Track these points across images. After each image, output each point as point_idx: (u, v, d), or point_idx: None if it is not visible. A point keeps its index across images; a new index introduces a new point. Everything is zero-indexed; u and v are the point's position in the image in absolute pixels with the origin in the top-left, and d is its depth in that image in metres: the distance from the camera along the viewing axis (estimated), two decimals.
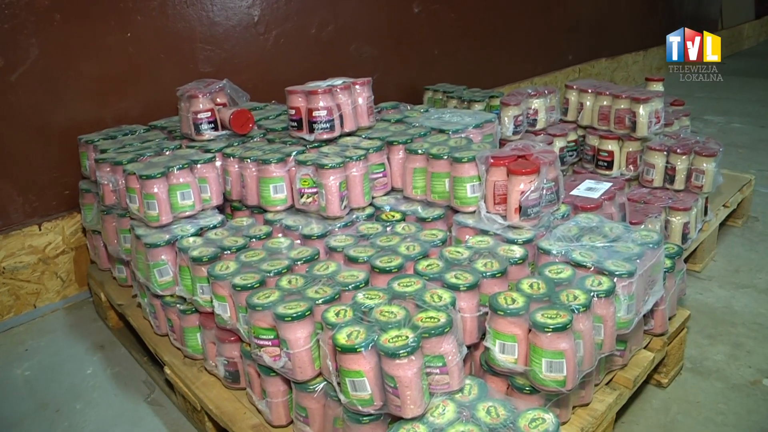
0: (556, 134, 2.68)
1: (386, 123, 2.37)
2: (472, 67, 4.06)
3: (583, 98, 2.74)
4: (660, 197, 2.41)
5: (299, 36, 3.20)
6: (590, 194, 2.03)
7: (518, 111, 2.59)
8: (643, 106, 2.52)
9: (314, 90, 2.14)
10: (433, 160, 1.98)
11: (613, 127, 2.63)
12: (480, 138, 2.23)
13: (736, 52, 7.60)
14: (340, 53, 3.38)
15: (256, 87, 3.10)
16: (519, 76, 4.37)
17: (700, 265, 2.62)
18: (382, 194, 2.15)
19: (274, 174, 2.07)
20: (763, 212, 3.18)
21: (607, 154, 2.62)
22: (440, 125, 2.24)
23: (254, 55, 3.09)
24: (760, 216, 3.14)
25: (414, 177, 2.06)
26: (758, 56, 7.72)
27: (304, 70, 3.26)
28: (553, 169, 1.85)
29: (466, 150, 1.97)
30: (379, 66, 3.55)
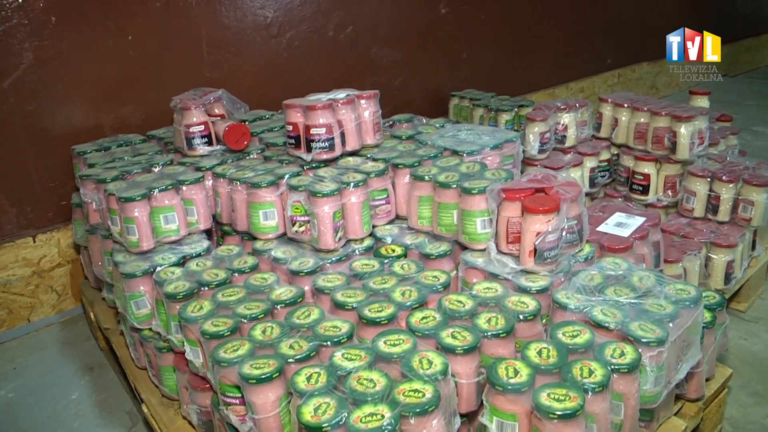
0: (587, 153, 2.38)
1: (395, 141, 2.11)
2: (503, 71, 3.76)
3: (618, 113, 2.43)
4: (701, 230, 2.10)
5: (315, 39, 2.96)
6: (620, 231, 1.74)
7: (545, 127, 2.30)
8: (685, 126, 2.21)
9: (312, 105, 1.89)
10: (441, 188, 1.71)
11: (650, 147, 2.32)
12: (498, 161, 1.95)
13: None
14: (360, 57, 3.12)
15: (267, 93, 2.87)
16: (553, 81, 4.04)
17: (745, 305, 2.30)
18: (385, 223, 1.89)
19: (265, 199, 1.83)
20: None
21: (642, 177, 2.31)
22: (454, 145, 1.97)
23: (266, 59, 2.85)
24: None
25: (419, 206, 1.80)
26: None
27: (319, 75, 3.02)
28: (576, 205, 1.57)
29: (477, 178, 1.69)
30: (402, 71, 3.28)
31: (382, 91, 3.31)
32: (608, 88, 4.40)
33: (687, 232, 2.10)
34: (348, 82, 3.11)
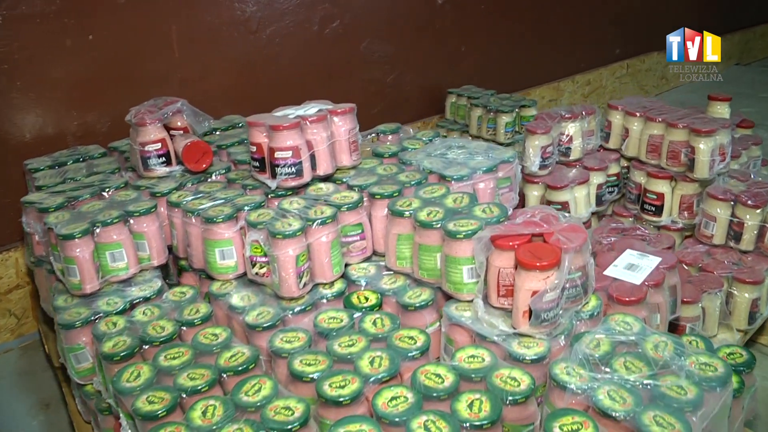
0: (594, 168, 2.08)
1: (376, 161, 1.82)
2: (504, 65, 3.44)
3: (629, 122, 2.13)
4: (721, 262, 1.81)
5: (299, 34, 2.65)
6: (631, 277, 1.46)
7: (547, 140, 2.00)
8: (705, 141, 1.91)
9: (277, 124, 1.60)
10: (422, 228, 1.43)
11: (665, 163, 2.02)
12: (493, 185, 1.67)
13: None
14: (349, 52, 2.82)
15: (245, 95, 2.59)
16: (558, 74, 3.71)
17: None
18: (360, 260, 1.61)
19: (222, 235, 1.56)
20: None
21: (656, 196, 2.02)
22: (441, 168, 1.68)
23: (244, 58, 2.55)
24: None
25: (398, 245, 1.52)
26: None
27: (304, 73, 2.72)
28: (580, 255, 1.28)
29: (465, 217, 1.41)
30: (396, 66, 2.98)
31: (374, 89, 3.04)
32: (616, 80, 4.06)
33: (706, 263, 1.81)
34: (336, 80, 2.82)
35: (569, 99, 3.78)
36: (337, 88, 2.82)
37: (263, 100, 2.60)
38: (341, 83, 2.82)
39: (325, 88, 2.78)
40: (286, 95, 2.67)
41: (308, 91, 2.73)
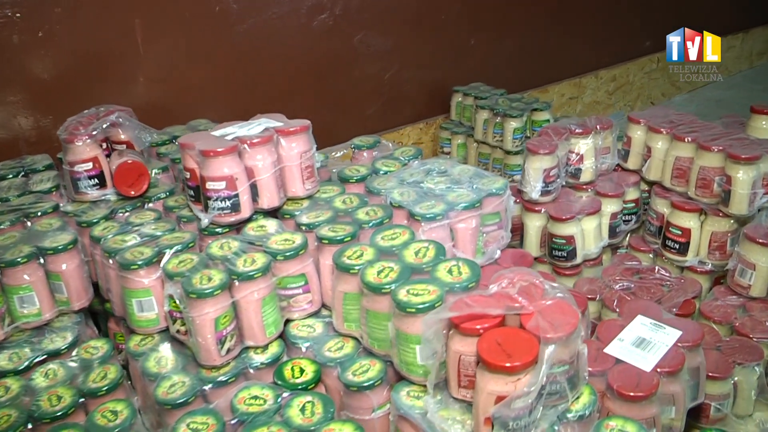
0: (608, 194, 1.70)
1: (336, 188, 1.47)
2: (519, 59, 3.03)
3: (652, 140, 1.74)
4: (761, 322, 1.44)
5: (283, 27, 2.30)
6: (639, 359, 1.10)
7: (551, 162, 1.62)
8: (745, 170, 1.52)
9: (207, 150, 1.27)
10: (370, 292, 1.09)
11: (693, 192, 1.63)
12: (475, 224, 1.33)
13: None
14: (341, 47, 2.46)
15: (220, 98, 2.25)
16: (579, 70, 3.28)
17: None
18: (305, 316, 1.28)
19: (139, 284, 1.25)
20: None
21: (680, 232, 1.63)
22: (412, 202, 1.34)
23: (220, 55, 2.22)
24: None
25: (345, 305, 1.19)
26: None
27: (289, 72, 2.37)
28: (567, 346, 0.93)
29: (423, 279, 1.07)
30: (394, 61, 2.61)
31: (369, 87, 2.60)
32: (645, 75, 3.61)
33: (740, 323, 1.43)
34: (325, 78, 2.47)
35: (592, 96, 3.36)
36: (326, 88, 2.47)
37: (241, 103, 2.27)
38: (331, 82, 2.47)
39: (312, 88, 2.43)
40: (267, 97, 2.35)
41: (293, 92, 2.40)
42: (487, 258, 1.36)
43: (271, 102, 2.34)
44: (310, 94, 2.45)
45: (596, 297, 1.51)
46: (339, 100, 2.53)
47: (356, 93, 2.56)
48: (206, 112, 2.09)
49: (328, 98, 2.50)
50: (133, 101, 2.06)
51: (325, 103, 2.50)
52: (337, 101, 2.53)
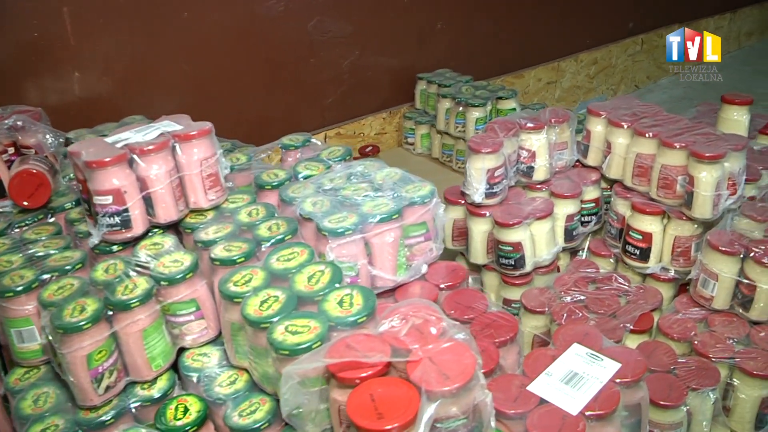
0: (564, 194, 1.52)
1: (244, 198, 1.30)
2: (491, 43, 2.82)
3: (612, 134, 1.55)
4: (722, 339, 1.26)
5: (228, 15, 2.11)
6: (567, 399, 0.92)
7: (495, 161, 1.43)
8: (708, 170, 1.34)
9: (90, 160, 1.10)
10: (250, 327, 0.93)
11: (655, 193, 1.45)
12: (394, 238, 1.15)
13: None
14: (294, 33, 2.27)
15: (159, 94, 2.07)
16: (558, 53, 3.07)
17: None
18: (200, 343, 1.12)
19: (20, 312, 1.09)
20: None
21: (641, 236, 1.45)
22: (323, 214, 1.15)
23: (158, 46, 2.03)
24: None
25: (234, 336, 1.02)
26: None
27: (237, 63, 2.18)
28: (458, 401, 0.76)
29: (306, 314, 0.90)
30: (354, 47, 2.42)
31: (327, 76, 2.37)
32: (628, 58, 3.39)
33: (700, 340, 1.26)
34: (278, 67, 2.27)
35: (572, 80, 3.15)
36: (280, 78, 2.28)
37: (183, 99, 2.10)
38: (285, 71, 2.28)
39: (265, 78, 2.25)
40: (216, 89, 2.16)
41: (244, 83, 2.21)
42: (413, 274, 1.18)
43: (221, 94, 2.16)
44: (263, 85, 2.26)
45: (545, 310, 1.35)
46: (295, 90, 2.34)
47: (313, 82, 2.37)
48: (146, 110, 1.92)
49: (282, 89, 2.31)
50: (65, 97, 1.90)
51: (279, 93, 2.31)
52: (293, 91, 2.34)
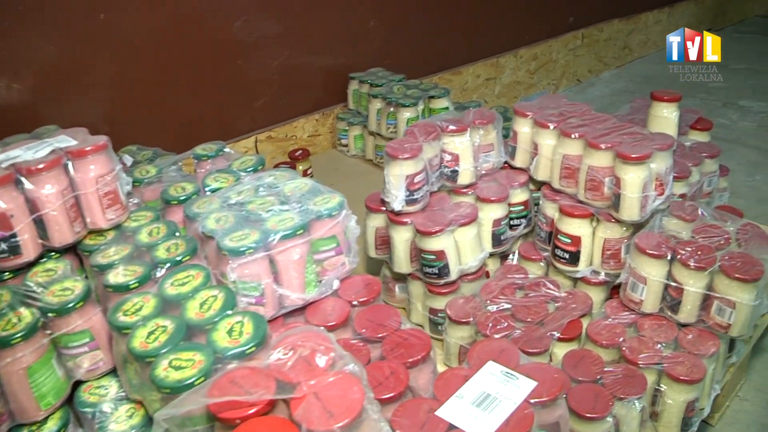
0: (490, 198, 1.48)
1: (148, 215, 1.22)
2: (426, 41, 2.77)
3: (539, 136, 1.51)
4: (648, 343, 1.24)
5: (145, 16, 2.00)
6: (476, 423, 0.88)
7: (414, 167, 1.37)
8: (635, 171, 1.31)
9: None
10: (135, 361, 0.86)
11: (583, 195, 1.42)
12: (300, 255, 1.08)
13: None
14: (220, 35, 2.18)
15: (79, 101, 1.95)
16: (497, 49, 3.05)
17: (716, 415, 1.47)
18: (97, 375, 1.04)
19: None
20: None
21: (570, 240, 1.42)
22: (225, 231, 1.08)
23: (64, 54, 1.90)
24: None
25: (126, 370, 0.94)
26: None
27: (157, 70, 2.07)
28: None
29: (191, 347, 0.83)
30: (283, 48, 2.34)
31: (256, 77, 2.27)
32: (569, 52, 3.40)
33: (628, 346, 1.24)
34: (202, 70, 2.18)
35: (512, 76, 3.13)
36: (206, 81, 2.19)
37: (105, 105, 1.99)
38: (212, 73, 2.19)
39: (190, 82, 2.14)
40: (136, 96, 2.04)
41: (168, 87, 2.11)
42: (324, 290, 1.12)
43: (145, 99, 2.05)
44: (190, 88, 2.16)
45: (470, 320, 1.31)
46: (223, 92, 2.25)
47: (242, 84, 2.28)
48: (66, 116, 1.82)
49: (210, 91, 2.21)
50: None
51: (208, 96, 2.21)
52: (222, 94, 2.25)
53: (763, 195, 2.46)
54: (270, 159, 2.39)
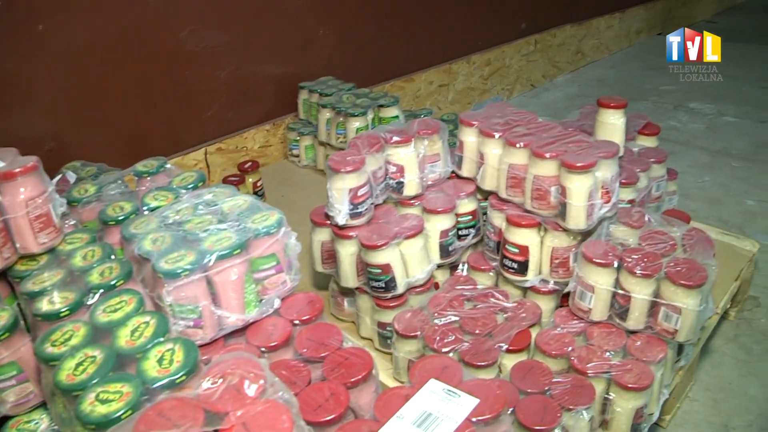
0: (436, 209, 1.47)
1: (83, 238, 1.18)
2: (377, 48, 2.77)
3: (484, 145, 1.52)
4: (599, 353, 1.25)
5: (87, 28, 1.95)
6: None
7: (357, 180, 1.36)
8: (580, 180, 1.32)
9: None
10: (62, 395, 0.83)
11: (530, 204, 1.43)
12: (238, 274, 1.06)
13: (729, 7, 5.91)
14: (166, 46, 2.13)
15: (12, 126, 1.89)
16: (450, 55, 3.06)
17: (667, 417, 1.49)
18: (28, 409, 1.00)
19: None
20: (766, 285, 1.99)
21: (518, 250, 1.43)
22: (159, 255, 1.05)
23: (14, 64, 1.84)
24: (763, 292, 1.96)
25: (54, 403, 0.91)
26: (754, 13, 5.78)
27: (105, 82, 2.01)
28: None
29: (120, 377, 0.80)
30: (232, 57, 2.31)
31: (204, 88, 2.23)
32: (522, 58, 3.44)
33: (576, 356, 1.24)
34: (147, 83, 2.13)
35: (465, 82, 3.15)
36: (154, 92, 2.14)
37: (47, 120, 1.93)
38: (159, 84, 2.14)
39: (137, 93, 2.09)
40: (80, 109, 1.99)
41: (114, 101, 2.06)
42: (265, 310, 1.10)
43: (90, 113, 1.99)
44: (136, 100, 2.11)
45: (417, 334, 1.30)
46: (171, 104, 2.20)
47: (190, 95, 2.24)
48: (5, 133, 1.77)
49: (158, 103, 2.16)
50: None
51: (155, 109, 2.17)
52: (170, 106, 2.20)
53: (713, 196, 2.52)
54: (221, 171, 2.36)
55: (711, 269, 1.27)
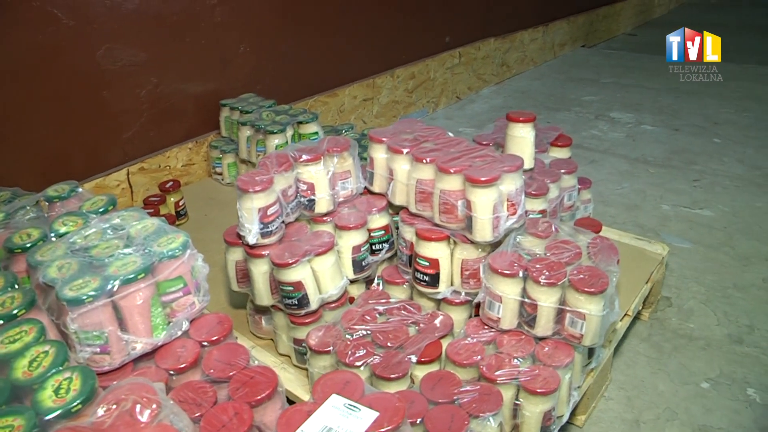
0: (347, 226, 1.52)
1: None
2: (299, 64, 2.83)
3: (393, 161, 1.58)
4: (507, 360, 1.32)
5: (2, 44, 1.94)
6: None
7: (266, 199, 1.39)
8: (485, 193, 1.40)
9: None
10: None
11: (438, 218, 1.50)
12: (144, 299, 1.08)
13: (647, 21, 6.27)
14: (82, 65, 2.13)
15: None
16: (373, 69, 3.14)
17: (583, 417, 1.57)
18: None
19: None
20: (678, 286, 2.12)
21: (428, 263, 1.49)
22: (64, 282, 1.06)
23: None
24: (675, 292, 2.09)
25: None
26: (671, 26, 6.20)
27: (18, 103, 2.00)
28: None
29: (15, 413, 0.82)
30: (151, 75, 2.32)
31: (123, 107, 2.24)
32: (447, 71, 3.55)
33: (486, 364, 1.31)
34: (66, 101, 2.12)
35: (390, 96, 3.23)
36: (71, 112, 2.13)
37: None
38: (76, 105, 2.14)
39: (53, 114, 2.08)
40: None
41: (29, 123, 2.04)
42: (173, 332, 1.13)
43: (3, 135, 1.98)
44: (53, 121, 2.09)
45: (330, 350, 1.34)
46: (90, 124, 2.20)
47: (109, 115, 2.24)
48: None
49: (76, 124, 2.15)
50: None
51: (73, 129, 2.15)
52: (89, 126, 2.20)
53: (631, 202, 2.65)
54: (144, 191, 2.35)
55: (613, 275, 1.35)
